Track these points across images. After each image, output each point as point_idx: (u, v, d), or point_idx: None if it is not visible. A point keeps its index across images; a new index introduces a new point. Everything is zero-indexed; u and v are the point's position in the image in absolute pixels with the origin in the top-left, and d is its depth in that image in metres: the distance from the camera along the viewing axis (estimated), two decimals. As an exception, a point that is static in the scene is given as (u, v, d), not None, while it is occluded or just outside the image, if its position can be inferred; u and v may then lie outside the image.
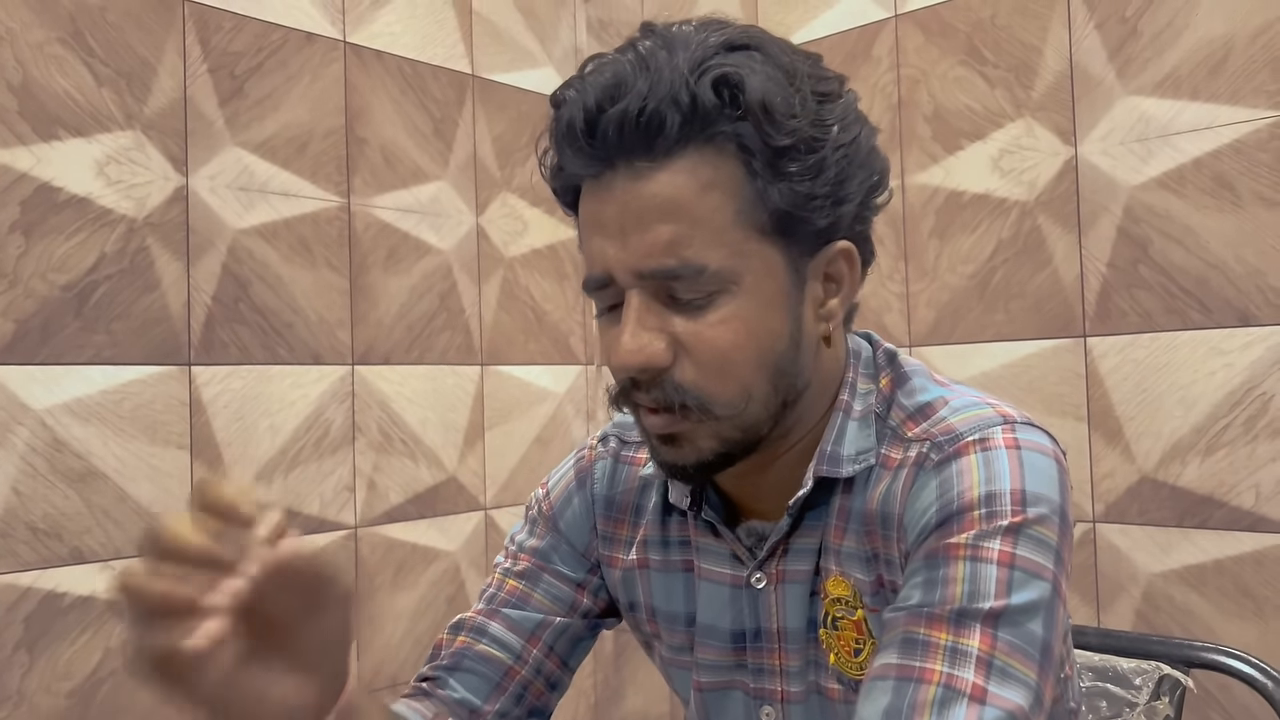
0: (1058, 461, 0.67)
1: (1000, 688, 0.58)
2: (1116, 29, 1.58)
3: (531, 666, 0.80)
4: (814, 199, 0.65)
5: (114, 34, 1.53)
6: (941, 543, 0.63)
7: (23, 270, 1.43)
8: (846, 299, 0.70)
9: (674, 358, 0.65)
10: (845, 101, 0.68)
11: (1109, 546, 1.58)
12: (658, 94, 0.62)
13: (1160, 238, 1.54)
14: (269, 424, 1.68)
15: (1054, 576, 0.63)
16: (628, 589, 0.82)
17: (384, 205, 1.86)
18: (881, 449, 0.70)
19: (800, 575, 0.72)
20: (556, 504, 0.86)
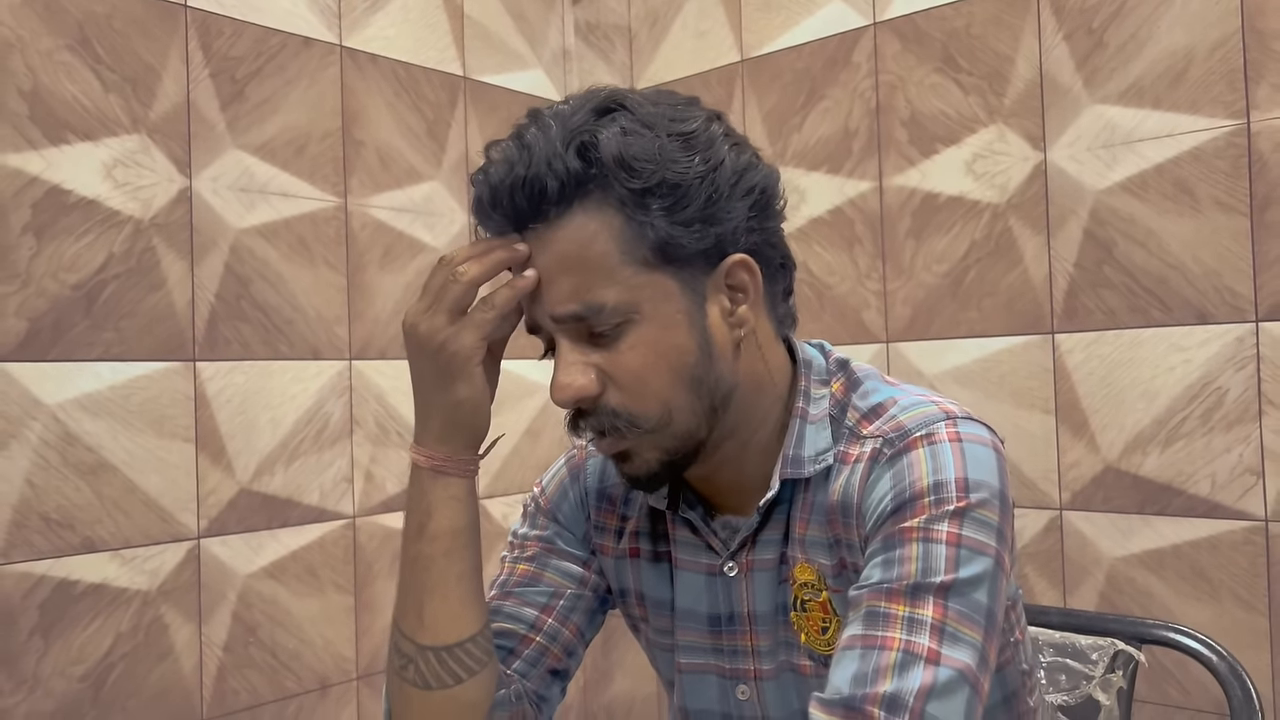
0: (996, 450, 0.75)
1: (951, 650, 0.67)
2: (1084, 40, 1.65)
3: (546, 634, 0.87)
4: (689, 226, 0.73)
5: (120, 41, 1.58)
6: (897, 527, 0.71)
7: (35, 270, 1.48)
8: (756, 304, 0.77)
9: (602, 387, 0.75)
10: (708, 135, 0.75)
11: (1074, 532, 1.67)
12: (535, 168, 0.72)
13: (1124, 240, 1.62)
14: (270, 417, 1.74)
15: (996, 552, 0.71)
16: (619, 576, 0.90)
17: (379, 205, 1.92)
18: (839, 447, 0.78)
19: (767, 564, 0.80)
20: (553, 499, 0.93)
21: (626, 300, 0.73)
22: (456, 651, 0.78)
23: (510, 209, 0.74)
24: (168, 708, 1.60)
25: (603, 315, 0.73)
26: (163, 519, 1.60)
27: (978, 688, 0.68)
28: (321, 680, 1.80)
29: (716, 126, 0.77)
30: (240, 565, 1.69)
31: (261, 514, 1.72)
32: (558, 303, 0.74)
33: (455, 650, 0.78)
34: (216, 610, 1.67)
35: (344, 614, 1.83)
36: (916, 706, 0.65)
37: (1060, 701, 1.06)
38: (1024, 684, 0.84)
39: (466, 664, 0.79)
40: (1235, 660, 1.00)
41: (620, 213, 0.73)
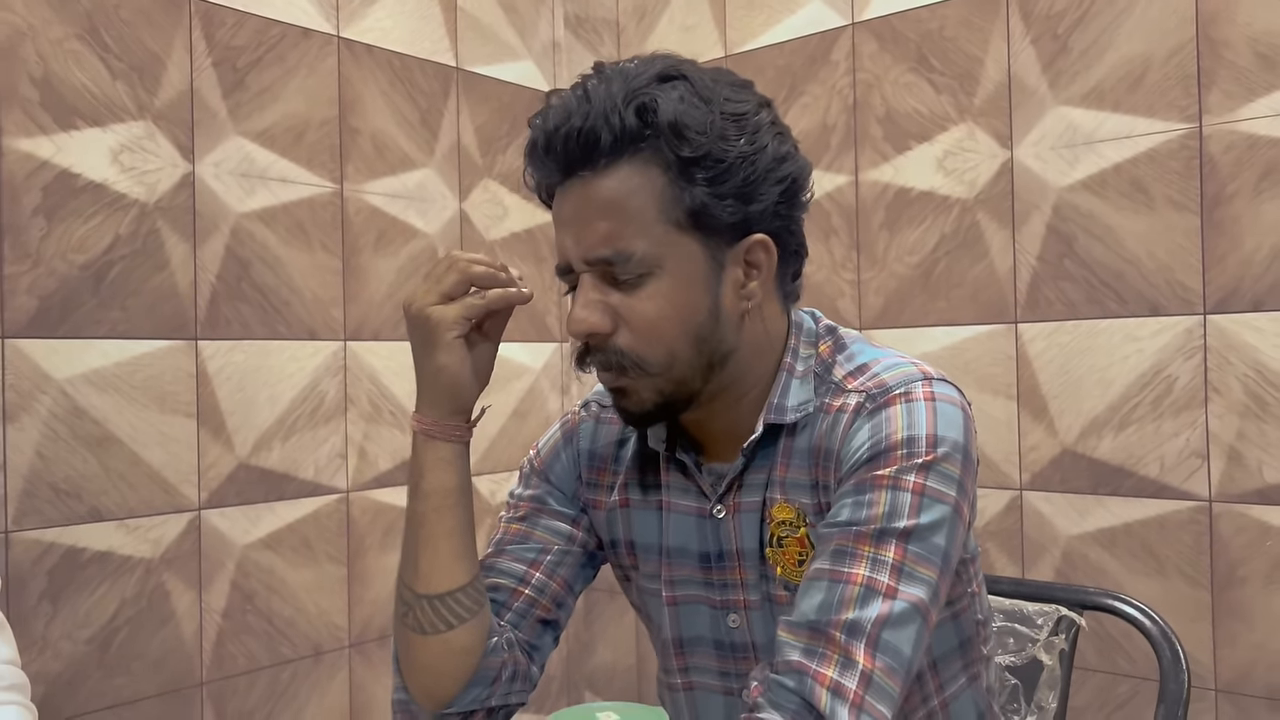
0: (964, 411, 0.84)
1: (907, 586, 0.76)
2: (1049, 45, 1.74)
3: (535, 587, 0.94)
4: (723, 199, 0.81)
5: (127, 30, 1.64)
6: (871, 473, 0.79)
7: (45, 251, 1.54)
8: (766, 282, 0.86)
9: (614, 327, 0.82)
10: (757, 120, 0.83)
11: (1033, 511, 1.76)
12: (593, 119, 0.80)
13: (1084, 235, 1.71)
14: (269, 395, 1.81)
15: (955, 501, 0.80)
16: (610, 527, 0.98)
17: (374, 191, 1.99)
18: (825, 399, 0.87)
19: (752, 506, 0.88)
20: (546, 460, 1.01)
21: (654, 254, 0.81)
22: (448, 600, 0.87)
23: (563, 154, 0.81)
24: (170, 670, 1.67)
25: (630, 264, 0.80)
26: (165, 490, 1.67)
27: (927, 618, 0.77)
28: (315, 647, 1.88)
29: (765, 114, 0.84)
30: (238, 536, 1.77)
31: (259, 487, 1.80)
32: (592, 246, 0.81)
33: (447, 599, 0.87)
34: (216, 578, 1.74)
35: (337, 584, 1.91)
36: (873, 633, 0.74)
37: (1008, 662, 1.15)
38: (978, 633, 0.93)
39: (458, 611, 0.87)
40: (1166, 624, 1.09)
41: (665, 174, 0.80)
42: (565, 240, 0.83)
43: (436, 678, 0.88)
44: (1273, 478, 1.54)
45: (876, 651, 0.73)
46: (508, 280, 0.85)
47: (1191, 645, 1.61)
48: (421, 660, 0.88)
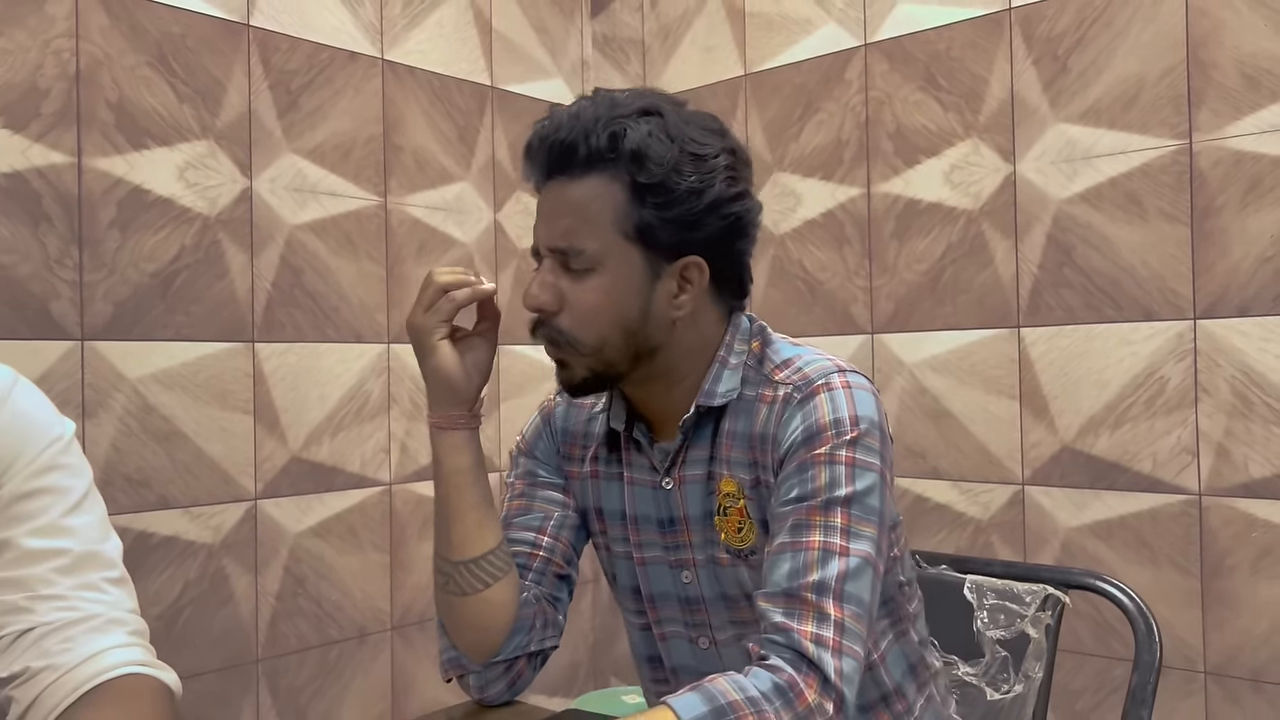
0: (874, 395, 0.97)
1: (855, 544, 0.90)
2: (1050, 65, 1.85)
3: (546, 549, 1.08)
4: (666, 223, 0.95)
5: (192, 57, 1.79)
6: (809, 454, 0.93)
7: (119, 261, 1.69)
8: (699, 296, 0.99)
9: (559, 307, 0.96)
10: (714, 162, 0.96)
11: (1035, 505, 1.87)
12: (575, 135, 0.94)
13: (1082, 245, 1.81)
14: (319, 394, 1.95)
15: (880, 469, 0.93)
16: (583, 496, 1.11)
17: (415, 203, 2.12)
18: (760, 390, 0.99)
19: (696, 479, 1.02)
20: (531, 441, 1.15)
21: (601, 254, 0.95)
22: (480, 563, 1.00)
23: (544, 159, 0.97)
24: (229, 647, 1.81)
25: (580, 258, 0.95)
26: (225, 481, 1.81)
27: (876, 569, 0.91)
28: (360, 629, 2.01)
29: (724, 158, 0.97)
30: (291, 524, 1.91)
31: (310, 479, 1.93)
32: (554, 237, 0.96)
33: (479, 562, 1.00)
34: (270, 563, 1.88)
35: (380, 571, 2.05)
36: (837, 588, 0.87)
37: (998, 636, 1.26)
38: (902, 592, 1.06)
39: (490, 571, 1.01)
40: (1142, 600, 1.20)
41: (624, 192, 0.94)
42: (539, 228, 0.99)
43: (482, 632, 1.01)
44: (1258, 472, 1.64)
45: (843, 603, 0.87)
46: (473, 282, 0.99)
47: (1182, 630, 1.71)
48: (466, 619, 1.01)
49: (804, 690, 0.83)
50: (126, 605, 0.83)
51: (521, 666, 1.05)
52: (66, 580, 0.80)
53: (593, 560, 1.18)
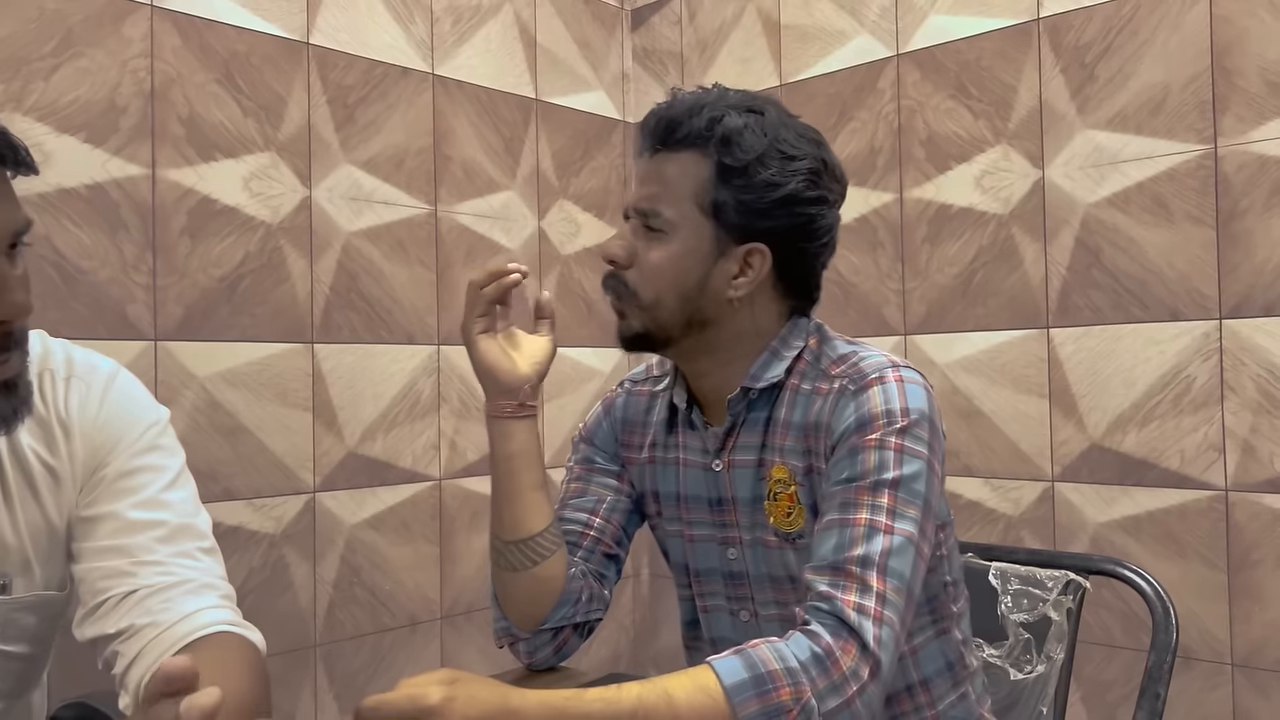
0: (927, 390, 1.03)
1: (900, 523, 0.95)
2: (1077, 73, 1.90)
3: (597, 529, 1.16)
4: (740, 204, 1.03)
5: (256, 74, 1.90)
6: (860, 440, 0.99)
7: (189, 266, 1.80)
8: (759, 284, 1.05)
9: (630, 262, 1.06)
10: (797, 165, 1.04)
11: (1064, 501, 1.91)
12: (680, 114, 1.05)
13: (1110, 247, 1.86)
14: (373, 392, 2.05)
15: (927, 457, 0.99)
16: (641, 479, 1.19)
17: (464, 212, 2.22)
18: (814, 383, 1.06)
19: (746, 464, 1.08)
20: (591, 429, 1.23)
21: (675, 220, 1.04)
22: (530, 543, 1.08)
23: (652, 132, 1.07)
24: (289, 632, 1.91)
25: (657, 220, 1.04)
26: (286, 475, 1.92)
27: (919, 550, 0.96)
28: (411, 618, 2.10)
29: (810, 163, 1.05)
30: (347, 516, 2.00)
31: (365, 474, 2.03)
32: (641, 199, 1.06)
33: (530, 541, 1.08)
34: (327, 554, 1.98)
35: (431, 562, 2.14)
36: (881, 562, 0.93)
37: (1022, 619, 1.32)
38: (946, 591, 1.11)
39: (540, 551, 1.09)
40: (1159, 585, 1.25)
41: (710, 170, 1.03)
42: (634, 190, 1.08)
43: (531, 604, 1.09)
44: (1284, 469, 1.68)
45: (885, 576, 0.92)
46: (501, 272, 1.08)
47: (1209, 623, 1.75)
48: (516, 592, 1.10)
49: (840, 657, 0.88)
50: (217, 572, 0.92)
51: (567, 635, 1.13)
52: (165, 548, 0.89)
53: (633, 556, 1.26)
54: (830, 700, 0.86)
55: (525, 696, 0.82)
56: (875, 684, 0.89)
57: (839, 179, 1.09)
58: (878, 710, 0.91)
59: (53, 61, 1.65)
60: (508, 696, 0.81)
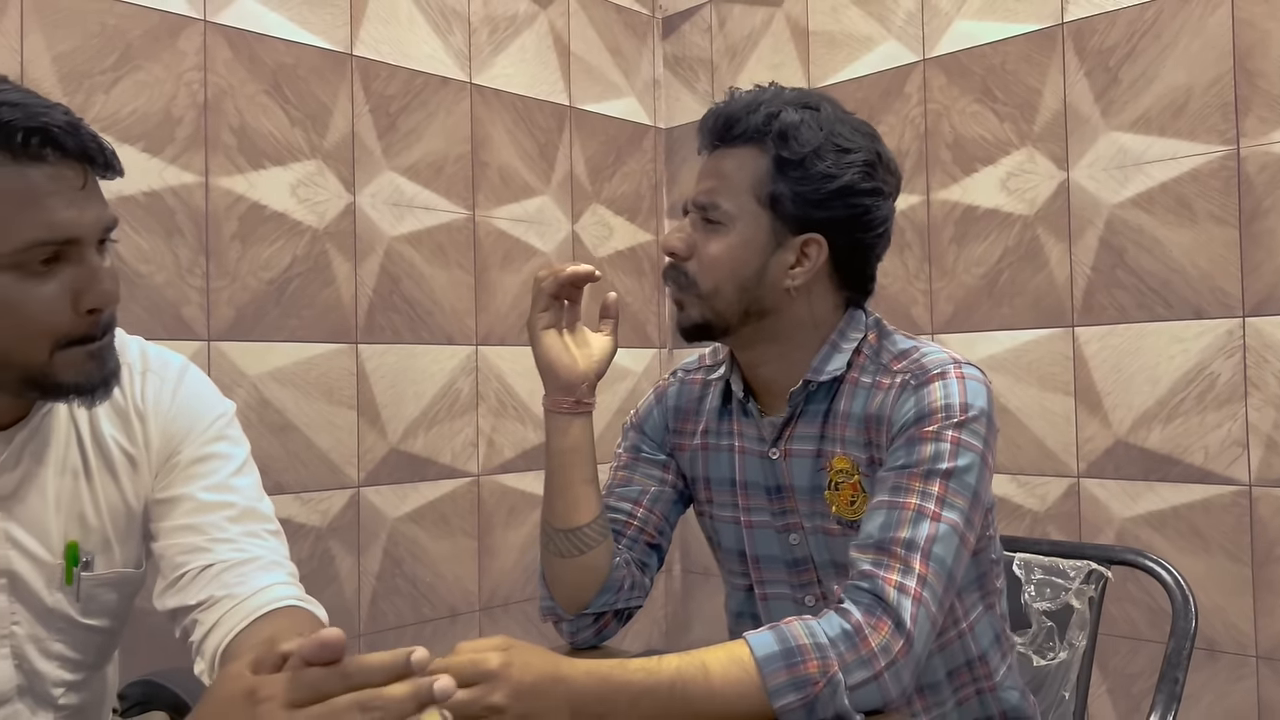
0: (986, 387, 1.07)
1: (948, 512, 0.99)
2: (1101, 77, 1.93)
3: (640, 519, 1.20)
4: (797, 198, 1.06)
5: (303, 85, 1.97)
6: (918, 431, 1.02)
7: (240, 269, 1.88)
8: (816, 274, 1.09)
9: (690, 253, 1.10)
10: (853, 157, 1.07)
11: (1090, 497, 1.95)
12: (738, 111, 1.09)
13: (1134, 247, 1.89)
14: (414, 391, 2.12)
15: (982, 452, 1.02)
16: (692, 466, 1.23)
17: (500, 216, 2.29)
18: (875, 377, 1.10)
19: (804, 454, 1.12)
20: (642, 417, 1.28)
21: (734, 212, 1.08)
22: (578, 533, 1.13)
23: (710, 129, 1.11)
24: (335, 623, 1.95)
25: (716, 212, 1.08)
26: (331, 470, 1.99)
27: (964, 540, 1.00)
28: (451, 609, 2.17)
29: (865, 156, 1.08)
30: (390, 510, 2.08)
31: (406, 469, 2.10)
32: (700, 193, 1.10)
33: (577, 531, 1.13)
34: (371, 546, 2.05)
35: (469, 556, 2.21)
36: (925, 547, 0.97)
37: (1045, 608, 1.36)
38: (992, 569, 1.15)
39: (587, 540, 1.13)
40: (1178, 573, 1.28)
41: (767, 164, 1.07)
42: (695, 184, 1.13)
43: (576, 589, 1.15)
44: (1307, 464, 1.70)
45: (929, 561, 0.96)
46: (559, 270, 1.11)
47: (1233, 616, 1.78)
48: (563, 577, 1.15)
49: (869, 634, 0.92)
50: (283, 553, 0.99)
51: (608, 620, 1.18)
52: (236, 528, 0.96)
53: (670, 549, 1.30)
54: (858, 674, 0.91)
55: (574, 665, 0.87)
56: (906, 661, 0.93)
57: (893, 171, 1.12)
58: (909, 687, 0.95)
59: (113, 75, 1.74)
60: (558, 664, 0.86)
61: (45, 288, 0.82)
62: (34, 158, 0.81)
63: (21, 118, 0.80)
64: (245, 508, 0.99)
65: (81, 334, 0.84)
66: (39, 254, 0.82)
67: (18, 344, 0.83)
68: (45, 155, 0.81)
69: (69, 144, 0.82)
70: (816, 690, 0.89)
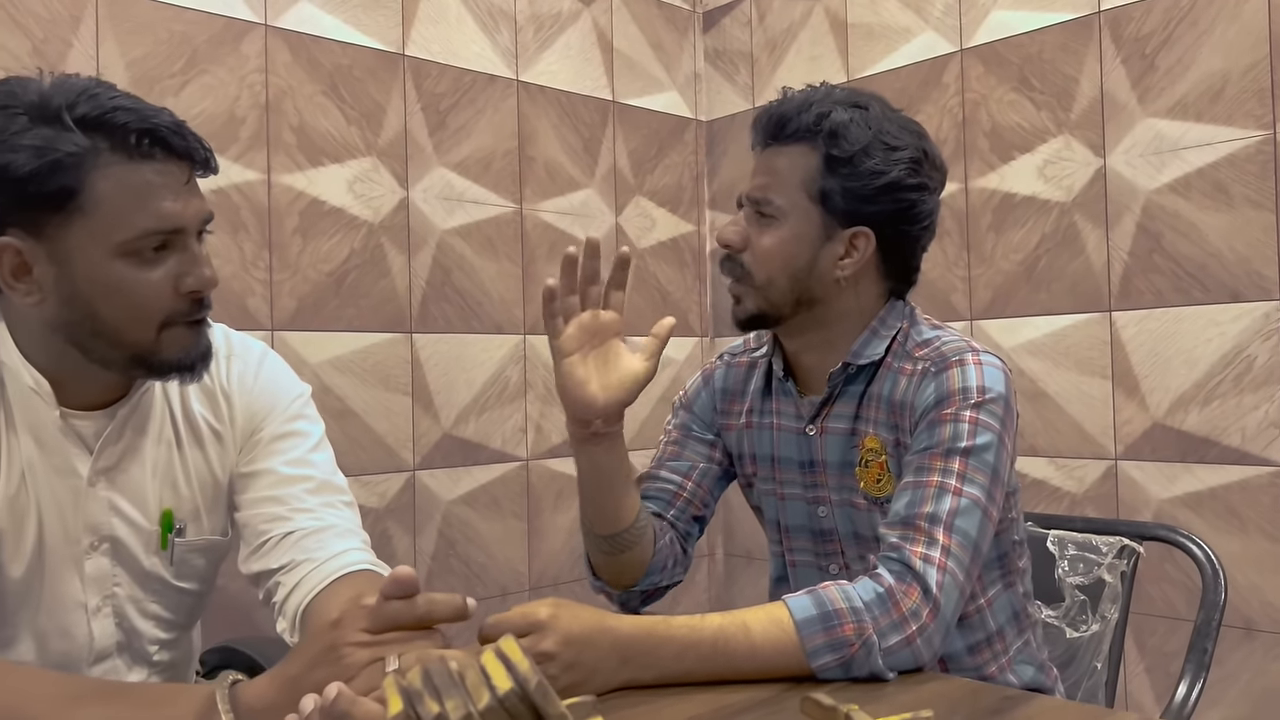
0: (1004, 373, 1.12)
1: (969, 487, 1.04)
2: (1138, 64, 1.96)
3: (689, 491, 1.27)
4: (846, 191, 1.12)
5: (358, 85, 2.06)
6: (938, 413, 1.08)
7: (301, 262, 1.97)
8: (863, 266, 1.15)
9: (744, 246, 1.15)
10: (899, 154, 1.13)
11: (1127, 479, 1.98)
12: (790, 111, 1.14)
13: (1171, 232, 1.92)
14: (466, 378, 2.20)
15: (999, 432, 1.07)
16: (739, 443, 1.29)
17: (547, 209, 2.36)
18: (901, 363, 1.15)
19: (839, 432, 1.18)
20: (691, 397, 1.34)
21: (785, 207, 1.14)
22: (618, 536, 1.18)
23: (764, 128, 1.17)
24: (392, 599, 2.07)
25: (769, 207, 1.14)
26: (388, 454, 2.08)
27: (987, 513, 1.05)
28: (502, 589, 2.25)
29: (911, 153, 1.13)
30: (444, 493, 2.16)
31: (459, 453, 2.18)
32: (754, 189, 1.16)
33: (617, 536, 1.18)
34: (426, 527, 2.13)
35: (519, 537, 2.29)
36: (948, 520, 1.02)
37: (1077, 582, 1.40)
38: (1014, 550, 1.21)
39: (627, 541, 1.19)
40: (1208, 548, 1.32)
41: (818, 161, 1.12)
42: (748, 181, 1.18)
43: (621, 576, 1.22)
44: (1345, 445, 1.72)
45: (951, 533, 1.02)
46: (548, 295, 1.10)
47: (1271, 595, 1.81)
48: (608, 567, 1.22)
49: (901, 599, 0.98)
50: (356, 522, 1.07)
51: (653, 593, 1.25)
52: (314, 499, 1.04)
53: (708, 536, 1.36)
54: (891, 637, 0.97)
55: (620, 619, 0.94)
56: (935, 625, 0.98)
57: (939, 167, 1.18)
58: (939, 649, 1.00)
59: (181, 79, 1.83)
60: (605, 617, 0.93)
61: (154, 273, 0.91)
62: (145, 156, 0.89)
63: (135, 120, 0.88)
64: (322, 480, 1.07)
65: (183, 314, 0.93)
66: (150, 242, 0.90)
67: (130, 323, 0.91)
68: (155, 154, 0.90)
69: (176, 144, 0.90)
70: (852, 652, 0.95)
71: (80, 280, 0.90)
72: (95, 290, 0.90)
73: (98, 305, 0.91)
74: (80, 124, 0.88)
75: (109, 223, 0.89)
